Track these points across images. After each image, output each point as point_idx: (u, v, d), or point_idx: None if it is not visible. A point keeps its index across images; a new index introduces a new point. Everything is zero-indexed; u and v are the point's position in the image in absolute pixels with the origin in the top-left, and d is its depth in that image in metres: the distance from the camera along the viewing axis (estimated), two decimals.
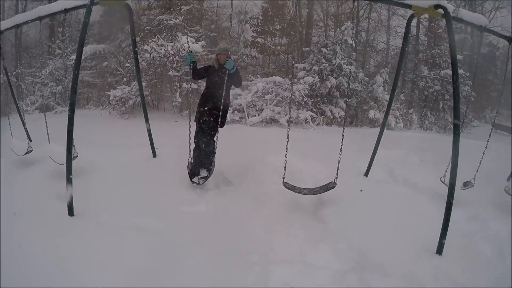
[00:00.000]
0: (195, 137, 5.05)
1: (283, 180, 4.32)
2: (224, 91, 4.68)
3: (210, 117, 4.88)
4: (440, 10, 3.99)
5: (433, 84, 14.56)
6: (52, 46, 14.75)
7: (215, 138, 4.95)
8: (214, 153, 4.92)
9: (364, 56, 16.72)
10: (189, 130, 4.85)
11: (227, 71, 4.59)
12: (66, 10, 4.69)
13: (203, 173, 4.93)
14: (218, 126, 4.88)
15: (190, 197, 4.56)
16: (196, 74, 5.03)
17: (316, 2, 16.52)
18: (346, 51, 12.87)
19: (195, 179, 4.89)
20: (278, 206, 4.52)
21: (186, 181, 4.95)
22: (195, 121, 5.02)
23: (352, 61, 13.08)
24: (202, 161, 5.03)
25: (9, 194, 4.66)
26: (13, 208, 4.19)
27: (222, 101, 4.68)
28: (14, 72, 13.62)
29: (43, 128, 5.79)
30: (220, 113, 4.73)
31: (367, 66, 17.04)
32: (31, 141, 6.48)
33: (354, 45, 14.33)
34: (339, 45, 12.78)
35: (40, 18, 5.01)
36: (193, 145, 5.08)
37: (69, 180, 4.13)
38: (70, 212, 4.08)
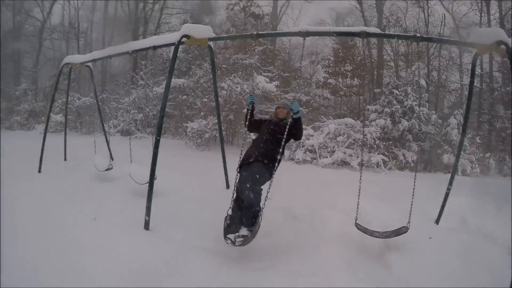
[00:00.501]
0: (238, 185, 4.12)
1: (356, 221, 4.41)
2: (278, 140, 4.13)
3: (259, 163, 4.14)
4: (503, 47, 3.95)
5: (510, 125, 13.42)
6: (136, 77, 16.30)
7: (262, 187, 4.00)
8: (261, 207, 3.81)
9: (437, 97, 16.10)
10: (236, 175, 4.25)
11: (289, 120, 4.13)
12: (154, 47, 5.38)
13: (243, 231, 3.79)
14: (269, 174, 4.04)
15: None
16: (252, 118, 4.65)
17: (385, 41, 16.47)
18: (417, 92, 12.58)
19: (231, 236, 3.79)
20: (343, 247, 4.50)
21: None
22: (237, 170, 4.31)
23: (424, 102, 12.69)
24: (244, 216, 3.93)
25: (89, 202, 5.32)
26: (93, 214, 4.77)
27: (275, 150, 4.10)
28: (100, 97, 15.20)
29: (122, 150, 6.49)
30: (271, 163, 4.09)
31: (441, 107, 16.31)
32: (112, 159, 7.31)
33: (425, 85, 13.88)
34: (410, 86, 12.53)
35: (130, 52, 5.76)
36: (236, 195, 4.19)
37: (149, 197, 4.55)
38: (146, 226, 4.51)
